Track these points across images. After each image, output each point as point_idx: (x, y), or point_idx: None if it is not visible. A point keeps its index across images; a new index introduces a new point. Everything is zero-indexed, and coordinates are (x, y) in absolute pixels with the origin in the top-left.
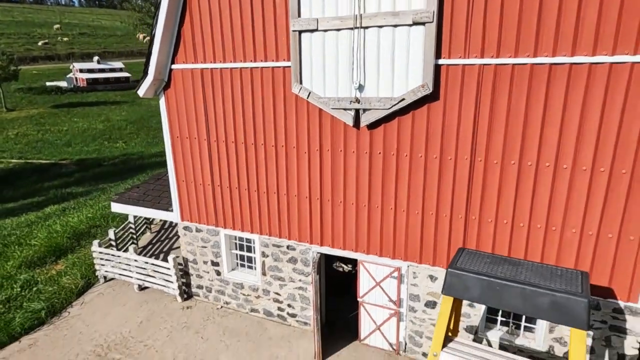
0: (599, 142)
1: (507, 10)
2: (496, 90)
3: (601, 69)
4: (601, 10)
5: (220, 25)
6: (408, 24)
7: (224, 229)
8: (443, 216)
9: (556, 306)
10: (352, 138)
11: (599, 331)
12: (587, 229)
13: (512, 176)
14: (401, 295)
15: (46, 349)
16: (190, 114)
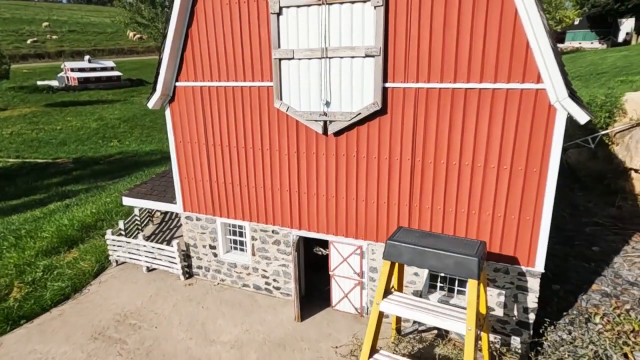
0: (502, 147)
1: (433, 49)
2: (428, 107)
3: (500, 93)
4: (499, 50)
5: (217, 51)
6: (362, 56)
7: (220, 218)
8: (393, 204)
9: (458, 264)
10: (322, 143)
11: (509, 290)
12: (497, 212)
13: (442, 173)
14: (363, 269)
15: (73, 317)
16: (192, 123)
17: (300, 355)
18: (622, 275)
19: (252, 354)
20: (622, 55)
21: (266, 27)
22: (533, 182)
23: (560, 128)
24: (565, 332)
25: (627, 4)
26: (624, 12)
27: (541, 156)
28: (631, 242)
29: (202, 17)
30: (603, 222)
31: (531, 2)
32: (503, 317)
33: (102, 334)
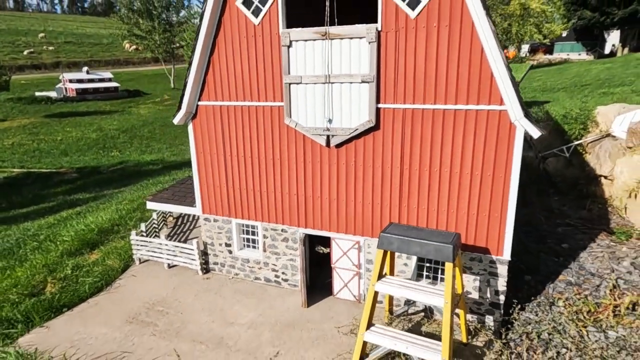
0: (474, 157)
1: (417, 76)
2: (414, 123)
3: (471, 112)
4: (469, 78)
5: (235, 75)
6: (359, 82)
7: (235, 219)
8: (385, 205)
9: (437, 250)
10: (325, 154)
11: (483, 276)
12: (471, 210)
13: (426, 178)
14: (360, 261)
15: (108, 305)
16: (211, 136)
17: (307, 333)
18: (586, 267)
19: (266, 333)
20: (606, 67)
21: (278, 57)
22: (499, 186)
23: (519, 141)
24: (533, 313)
25: (612, 18)
26: (609, 25)
27: (505, 164)
28: (597, 239)
29: (222, 47)
30: (574, 223)
31: (493, 43)
32: (478, 299)
33: (135, 319)
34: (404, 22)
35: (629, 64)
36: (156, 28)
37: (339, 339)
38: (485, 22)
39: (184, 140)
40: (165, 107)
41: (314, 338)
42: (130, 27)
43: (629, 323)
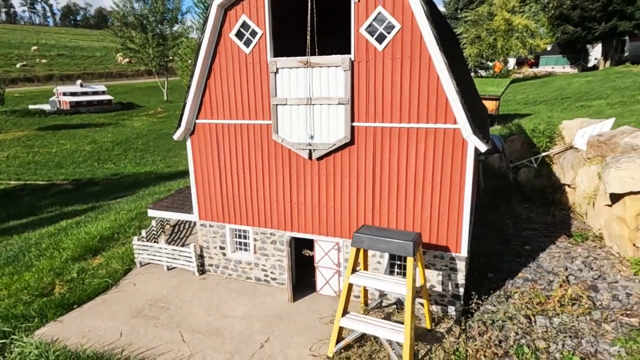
0: (434, 167)
1: (385, 99)
2: (383, 139)
3: (431, 130)
4: (428, 101)
5: (229, 97)
6: (336, 104)
7: (228, 224)
8: (360, 210)
9: (399, 246)
10: (308, 166)
11: (444, 271)
12: (433, 214)
13: (394, 187)
14: (340, 260)
15: (114, 302)
16: (207, 151)
17: (293, 324)
18: (543, 266)
19: (257, 324)
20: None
21: (267, 81)
22: (455, 192)
23: (471, 154)
24: (491, 305)
25: (593, 32)
26: (591, 39)
27: (460, 173)
28: (557, 242)
29: (217, 72)
30: (538, 228)
31: (446, 74)
32: (441, 292)
33: (140, 313)
34: (373, 54)
35: (608, 77)
36: (150, 41)
37: (321, 328)
38: (439, 56)
39: (177, 152)
40: (158, 119)
41: (299, 327)
42: (124, 40)
43: (570, 311)
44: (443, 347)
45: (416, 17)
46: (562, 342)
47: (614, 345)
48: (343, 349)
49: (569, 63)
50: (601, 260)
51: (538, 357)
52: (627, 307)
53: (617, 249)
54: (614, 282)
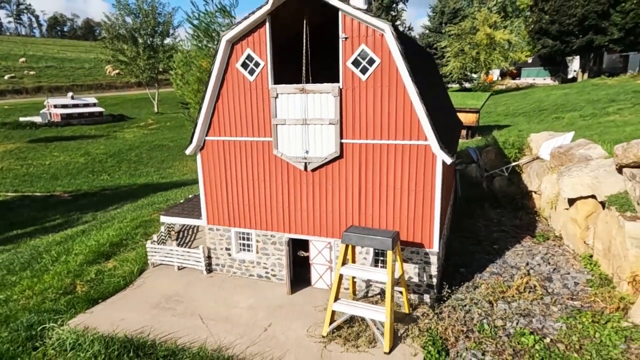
0: (411, 179)
1: (368, 120)
2: (367, 154)
3: (407, 146)
4: (404, 122)
5: (234, 118)
6: (327, 124)
7: (233, 228)
8: (349, 213)
9: (381, 242)
10: (304, 176)
11: (420, 264)
12: (410, 216)
13: (377, 193)
14: (332, 257)
15: (133, 297)
16: (216, 164)
17: (292, 312)
18: (508, 262)
19: (261, 312)
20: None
21: (268, 105)
22: (428, 198)
23: (439, 166)
24: (461, 293)
25: (571, 46)
26: (569, 52)
27: (431, 182)
28: (522, 242)
29: (225, 96)
30: (507, 230)
31: (417, 100)
32: (418, 282)
33: (157, 306)
34: (358, 83)
35: (584, 90)
36: (141, 54)
37: (316, 315)
38: (412, 87)
39: (170, 164)
40: (150, 131)
41: (297, 314)
42: (115, 53)
43: (526, 297)
44: (418, 326)
45: (393, 54)
46: (516, 321)
47: (557, 322)
48: (335, 329)
49: (549, 75)
50: (558, 257)
51: (496, 332)
52: (573, 293)
53: (572, 246)
54: (566, 273)
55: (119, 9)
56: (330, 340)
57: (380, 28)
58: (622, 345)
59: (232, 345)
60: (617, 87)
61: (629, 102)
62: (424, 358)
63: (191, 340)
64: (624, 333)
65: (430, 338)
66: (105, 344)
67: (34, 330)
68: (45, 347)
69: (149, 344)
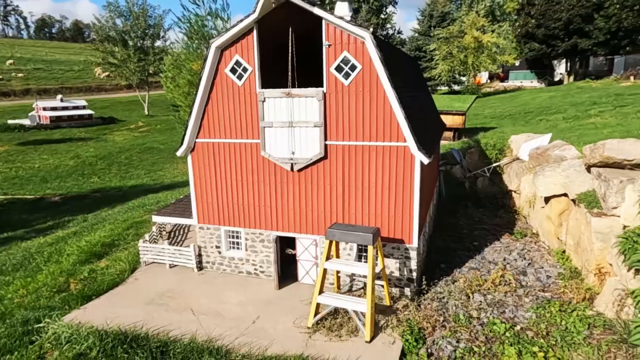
0: (391, 179)
1: (350, 123)
2: (350, 154)
3: (387, 147)
4: (384, 125)
5: (224, 120)
6: (312, 126)
7: (223, 226)
8: (333, 211)
9: (362, 237)
10: (290, 176)
11: (401, 259)
12: (390, 213)
13: (359, 192)
14: (317, 253)
15: (127, 294)
16: (206, 165)
17: (280, 306)
18: (487, 258)
19: (250, 307)
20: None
21: (256, 108)
22: (407, 196)
23: (417, 166)
24: (440, 287)
25: (556, 49)
26: (555, 55)
27: (410, 181)
28: (501, 239)
29: (215, 100)
30: (488, 228)
31: (397, 105)
32: (399, 276)
33: (151, 302)
34: (341, 87)
35: (569, 92)
36: (131, 57)
37: (302, 308)
38: (391, 91)
39: (161, 166)
40: (140, 134)
41: (285, 308)
42: (105, 55)
43: (501, 290)
44: (398, 317)
45: (373, 61)
46: (490, 312)
47: (528, 312)
48: (320, 320)
49: (536, 78)
50: (533, 252)
51: (470, 322)
52: (545, 285)
53: (547, 242)
54: (540, 267)
55: (110, 11)
56: (315, 331)
57: (361, 36)
58: (585, 332)
59: (222, 337)
60: (601, 90)
61: (610, 105)
62: (402, 346)
63: (182, 333)
64: (587, 321)
65: (409, 327)
66: (99, 337)
67: (30, 326)
68: (42, 341)
69: (142, 336)
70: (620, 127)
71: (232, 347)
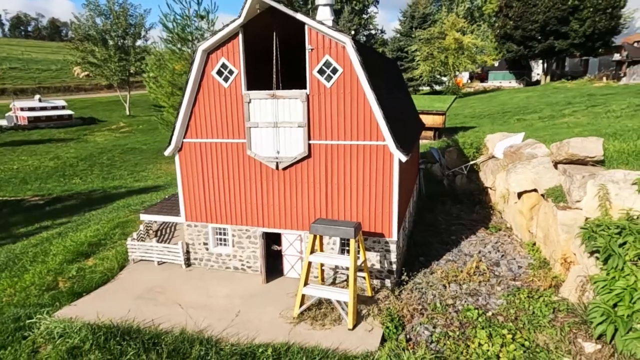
0: (371, 176)
1: (333, 123)
2: (332, 153)
3: (367, 146)
4: (364, 125)
5: (210, 121)
6: (296, 126)
7: (210, 224)
8: (317, 207)
9: (344, 231)
10: (275, 175)
11: (381, 252)
12: (371, 209)
13: (342, 189)
14: (302, 248)
15: (117, 290)
16: (193, 164)
17: (266, 299)
18: (463, 250)
19: (237, 300)
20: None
21: (242, 109)
22: (387, 192)
23: (396, 164)
24: (419, 278)
25: (533, 50)
26: (531, 56)
27: (389, 178)
28: (477, 233)
29: (202, 102)
30: (464, 223)
31: (376, 106)
32: (380, 268)
33: (140, 297)
34: (323, 89)
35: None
36: (112, 56)
37: (288, 300)
38: (370, 93)
39: (144, 167)
40: (122, 134)
41: (271, 300)
42: (85, 54)
43: (475, 280)
44: (379, 306)
45: (353, 64)
46: (465, 300)
47: (499, 299)
48: (305, 311)
49: (514, 78)
50: (507, 245)
51: (446, 309)
52: (515, 275)
53: (520, 235)
54: (512, 259)
55: (89, 10)
56: (301, 320)
57: (342, 41)
58: (551, 315)
59: (212, 328)
60: (575, 91)
61: (583, 105)
62: (383, 332)
63: (172, 325)
64: (552, 305)
65: (389, 316)
66: (92, 330)
67: (21, 322)
68: (34, 336)
69: (134, 329)
70: (590, 126)
71: (221, 337)
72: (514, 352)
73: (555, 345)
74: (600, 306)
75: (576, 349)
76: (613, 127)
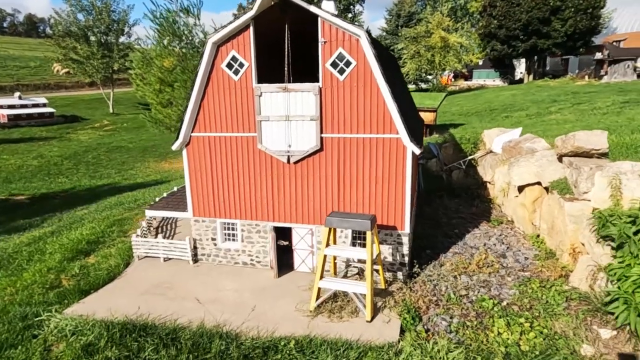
0: (384, 169)
1: (345, 116)
2: (345, 146)
3: (381, 139)
4: (378, 118)
5: (220, 115)
6: (309, 120)
7: (219, 219)
8: (329, 201)
9: (360, 224)
10: (287, 168)
11: (394, 245)
12: (384, 202)
13: (355, 182)
14: (313, 242)
15: (124, 286)
16: (201, 159)
17: (277, 292)
18: (468, 243)
19: (247, 294)
20: (512, 94)
21: (252, 102)
22: (400, 185)
23: (409, 157)
24: (429, 270)
25: (517, 49)
26: (515, 55)
27: (402, 171)
28: (479, 226)
29: (211, 95)
30: (465, 216)
31: (390, 99)
32: (392, 261)
33: (148, 292)
34: (336, 82)
35: (529, 91)
36: (95, 53)
37: (301, 294)
38: (384, 86)
39: (132, 165)
40: (105, 132)
41: (283, 294)
42: (67, 51)
43: (485, 271)
44: (394, 298)
45: (367, 58)
46: (477, 290)
47: (511, 289)
48: (320, 304)
49: (498, 76)
50: (510, 237)
51: (461, 300)
52: (523, 266)
53: (522, 228)
54: (517, 251)
55: (70, 5)
56: (317, 314)
57: (356, 34)
58: (564, 304)
59: (228, 322)
60: (558, 89)
61: (568, 103)
62: (401, 323)
63: (187, 321)
64: (565, 294)
65: (405, 307)
66: (105, 327)
67: (29, 321)
68: (45, 334)
69: (150, 325)
70: (579, 123)
71: (240, 331)
72: (534, 339)
73: (574, 332)
74: (621, 295)
75: (593, 336)
76: (603, 123)
